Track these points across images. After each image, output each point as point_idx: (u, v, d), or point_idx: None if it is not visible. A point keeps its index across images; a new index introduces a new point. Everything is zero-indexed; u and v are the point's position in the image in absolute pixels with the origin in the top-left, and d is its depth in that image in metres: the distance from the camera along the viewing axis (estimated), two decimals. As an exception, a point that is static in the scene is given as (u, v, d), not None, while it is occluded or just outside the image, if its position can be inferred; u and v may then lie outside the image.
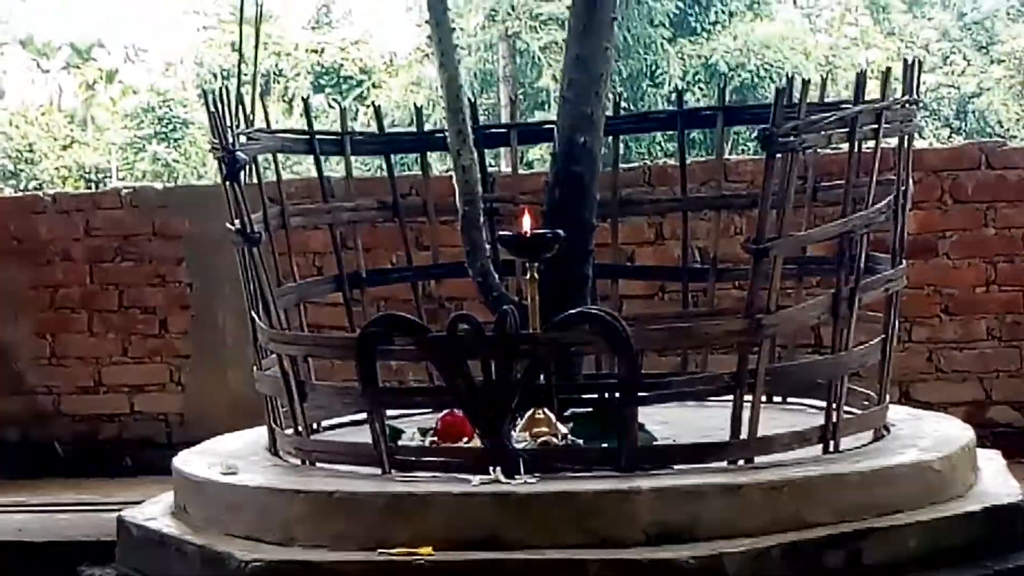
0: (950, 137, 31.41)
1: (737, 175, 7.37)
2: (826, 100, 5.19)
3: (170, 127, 33.19)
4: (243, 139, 4.41)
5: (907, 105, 4.25)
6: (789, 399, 4.90)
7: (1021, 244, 7.48)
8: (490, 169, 5.86)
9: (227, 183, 4.29)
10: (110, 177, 31.53)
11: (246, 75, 10.58)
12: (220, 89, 4.31)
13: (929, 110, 31.48)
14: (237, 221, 4.33)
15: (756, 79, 28.07)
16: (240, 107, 4.48)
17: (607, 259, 5.27)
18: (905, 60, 4.36)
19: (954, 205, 7.51)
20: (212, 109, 4.22)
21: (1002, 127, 31.29)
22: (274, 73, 34.19)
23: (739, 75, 27.86)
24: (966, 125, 32.68)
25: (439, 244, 5.37)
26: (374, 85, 35.70)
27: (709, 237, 5.77)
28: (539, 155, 22.88)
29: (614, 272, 5.42)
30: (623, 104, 5.61)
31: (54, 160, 31.75)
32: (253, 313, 4.40)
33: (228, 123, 4.31)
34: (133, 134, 33.24)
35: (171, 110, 33.48)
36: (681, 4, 27.88)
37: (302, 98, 11.03)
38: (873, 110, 4.09)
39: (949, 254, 7.54)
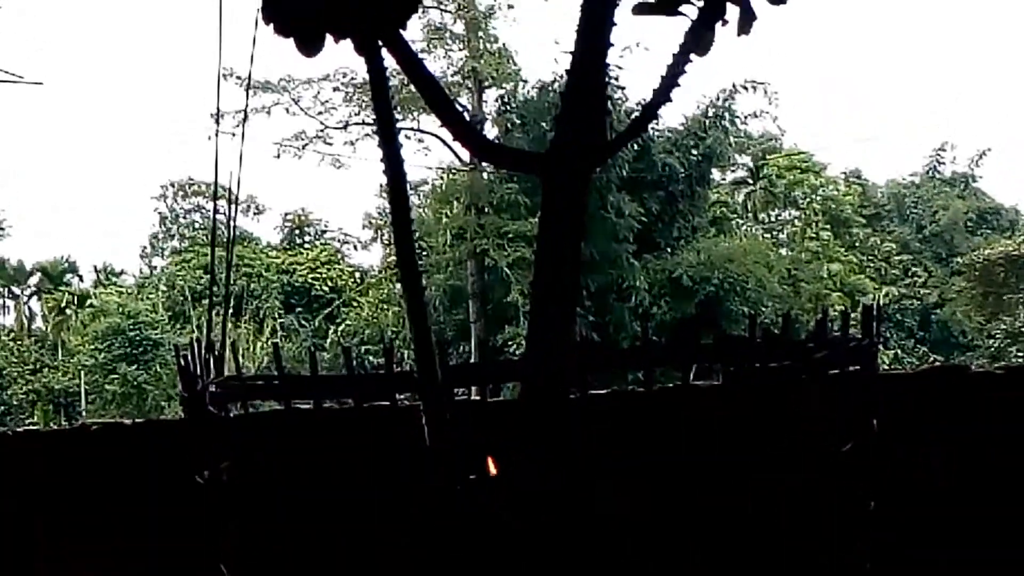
0: (914, 347, 31.81)
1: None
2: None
3: (140, 349, 33.26)
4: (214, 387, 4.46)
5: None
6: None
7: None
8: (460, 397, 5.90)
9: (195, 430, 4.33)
10: (79, 401, 31.43)
11: (218, 296, 10.70)
12: (192, 340, 4.39)
13: (893, 322, 31.93)
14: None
15: (721, 292, 28.46)
16: (211, 356, 4.54)
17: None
18: (864, 305, 4.47)
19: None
20: (182, 363, 4.28)
21: (966, 337, 31.73)
22: (246, 293, 34.50)
23: (704, 288, 28.26)
24: (930, 335, 33.12)
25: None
26: (344, 304, 36.04)
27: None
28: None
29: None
30: (590, 318, 5.68)
31: (23, 385, 31.69)
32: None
33: (199, 372, 4.37)
34: (103, 356, 33.28)
35: (142, 332, 33.62)
36: (645, 220, 28.43)
37: (272, 343, 11.10)
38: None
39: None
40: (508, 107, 31.44)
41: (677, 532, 4.94)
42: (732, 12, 3.97)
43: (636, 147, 26.45)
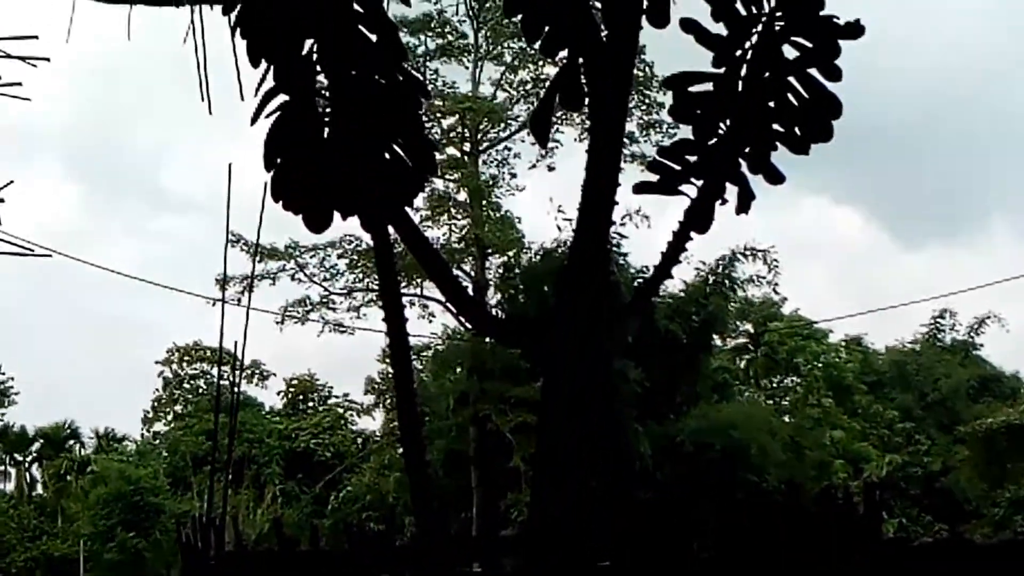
0: (919, 515, 31.50)
1: None
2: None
3: (141, 515, 32.95)
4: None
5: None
6: None
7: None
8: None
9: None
10: (78, 569, 31.03)
11: (219, 463, 10.67)
12: (193, 513, 4.39)
13: (896, 490, 31.66)
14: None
15: (724, 458, 28.29)
16: (212, 528, 4.54)
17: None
18: (866, 482, 4.48)
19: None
20: (183, 538, 4.28)
21: (970, 504, 31.42)
22: (247, 460, 34.32)
23: (706, 454, 28.10)
24: (934, 504, 32.81)
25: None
26: (346, 469, 35.81)
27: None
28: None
29: None
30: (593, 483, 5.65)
31: (22, 552, 31.33)
32: None
33: (200, 545, 4.37)
34: (103, 523, 32.93)
35: (143, 498, 33.33)
36: (648, 385, 28.44)
37: (273, 516, 11.06)
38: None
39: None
40: (511, 274, 31.74)
41: None
42: (730, 191, 4.08)
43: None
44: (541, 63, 32.25)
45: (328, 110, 3.94)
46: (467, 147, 35.10)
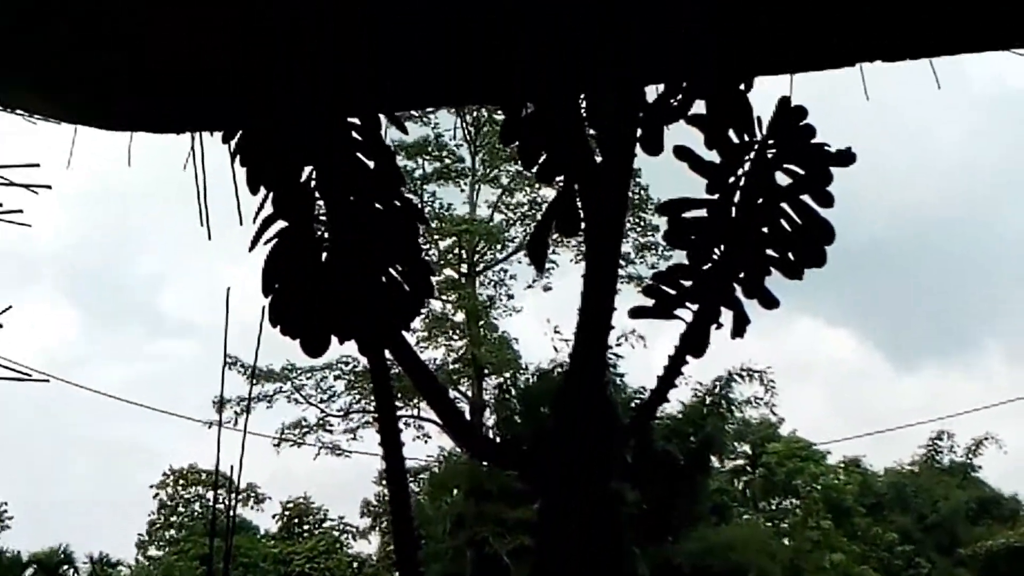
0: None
1: None
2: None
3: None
4: None
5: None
6: None
7: None
8: None
9: None
10: None
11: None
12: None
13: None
14: None
15: (724, 581, 28.00)
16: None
17: None
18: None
19: None
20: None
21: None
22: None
23: (706, 577, 27.81)
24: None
25: None
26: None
27: None
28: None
29: None
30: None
31: None
32: None
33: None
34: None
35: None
36: (646, 507, 28.23)
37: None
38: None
39: None
40: (507, 395, 31.69)
41: None
42: (725, 314, 4.10)
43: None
44: (537, 186, 32.58)
45: (326, 235, 3.97)
46: (464, 268, 35.31)
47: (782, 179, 3.96)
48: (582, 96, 4.15)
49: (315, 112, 3.87)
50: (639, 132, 3.96)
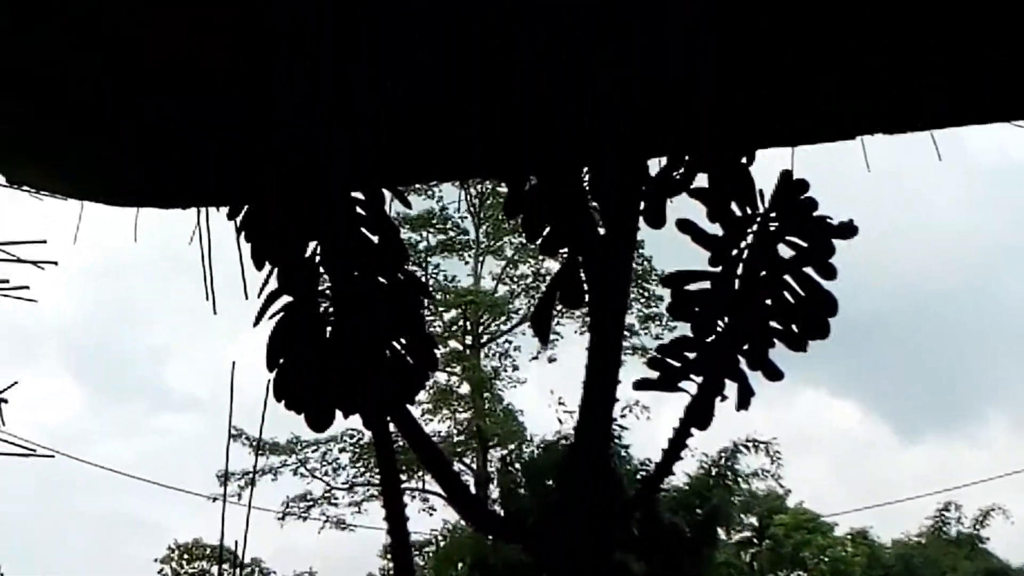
0: None
1: None
2: None
3: None
4: None
5: None
6: None
7: None
8: None
9: None
10: None
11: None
12: None
13: None
14: None
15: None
16: None
17: None
18: None
19: None
20: None
21: None
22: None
23: None
24: None
25: None
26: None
27: None
28: None
29: None
30: None
31: None
32: None
33: None
34: None
35: None
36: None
37: None
38: None
39: None
40: (512, 467, 31.57)
41: None
42: (730, 386, 4.10)
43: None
44: (541, 258, 32.70)
45: (330, 310, 3.99)
46: (469, 340, 35.34)
47: (785, 251, 3.98)
48: (585, 169, 4.18)
49: (320, 188, 3.91)
50: (642, 205, 3.98)
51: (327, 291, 3.96)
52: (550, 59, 3.61)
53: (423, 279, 4.16)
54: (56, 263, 4.10)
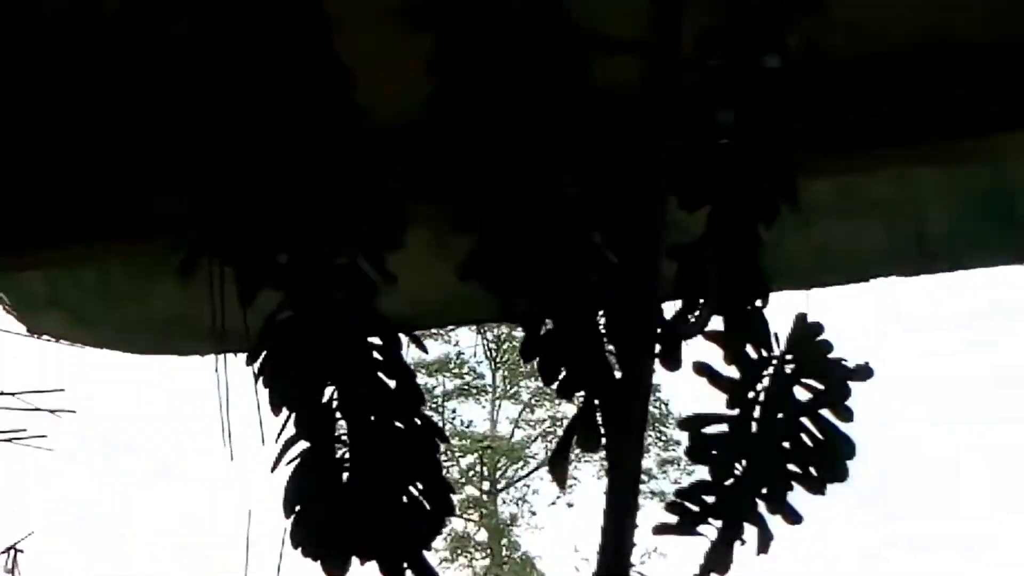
0: None
1: None
2: None
3: None
4: None
5: None
6: None
7: None
8: None
9: None
10: None
11: None
12: None
13: None
14: None
15: None
16: None
17: None
18: None
19: None
20: None
21: None
22: None
23: None
24: None
25: None
26: None
27: None
28: None
29: None
30: None
31: None
32: None
33: None
34: None
35: None
36: None
37: None
38: None
39: None
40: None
41: None
42: (750, 531, 4.07)
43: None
44: (558, 402, 32.65)
45: (347, 455, 3.99)
46: (486, 486, 35.11)
47: (801, 393, 3.98)
48: (600, 313, 4.21)
49: (337, 332, 3.94)
50: (657, 348, 4.00)
51: (344, 436, 3.96)
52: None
53: (440, 424, 4.17)
54: (74, 411, 4.12)
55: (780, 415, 3.98)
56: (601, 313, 4.25)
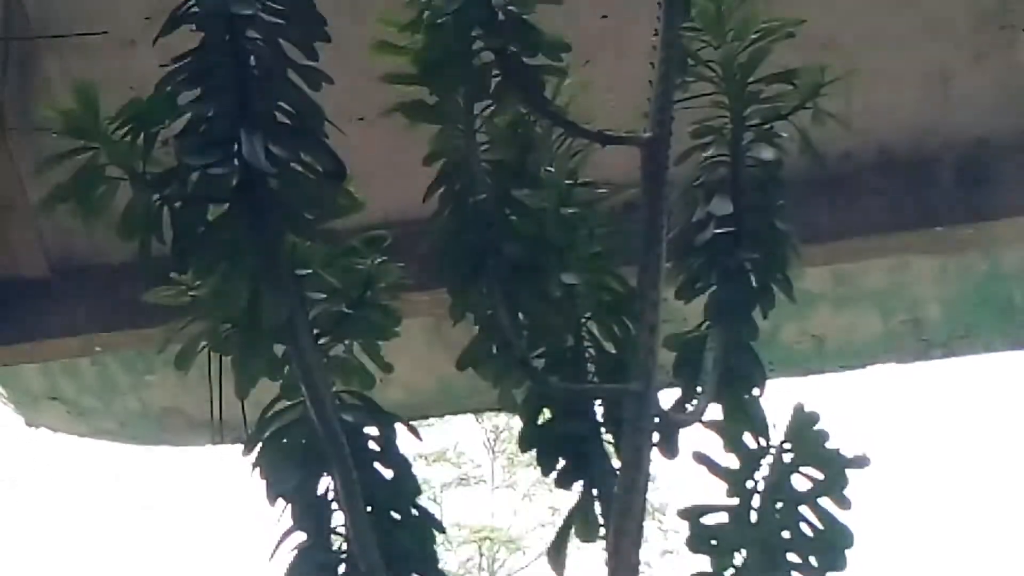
0: None
1: None
2: None
3: None
4: None
5: None
6: None
7: None
8: None
9: None
10: None
11: None
12: None
13: None
14: None
15: None
16: None
17: None
18: None
19: None
20: None
21: None
22: None
23: None
24: None
25: None
26: None
27: None
28: None
29: None
30: None
31: None
32: None
33: None
34: None
35: None
36: None
37: None
38: None
39: None
40: None
41: None
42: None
43: None
44: (557, 491, 32.31)
45: (344, 547, 3.96)
46: (485, 577, 34.71)
47: (800, 482, 3.97)
48: (598, 401, 4.21)
49: (333, 420, 3.93)
50: (655, 437, 3.99)
51: (340, 528, 3.94)
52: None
53: (437, 515, 4.14)
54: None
55: (779, 504, 3.96)
56: (599, 402, 4.26)
